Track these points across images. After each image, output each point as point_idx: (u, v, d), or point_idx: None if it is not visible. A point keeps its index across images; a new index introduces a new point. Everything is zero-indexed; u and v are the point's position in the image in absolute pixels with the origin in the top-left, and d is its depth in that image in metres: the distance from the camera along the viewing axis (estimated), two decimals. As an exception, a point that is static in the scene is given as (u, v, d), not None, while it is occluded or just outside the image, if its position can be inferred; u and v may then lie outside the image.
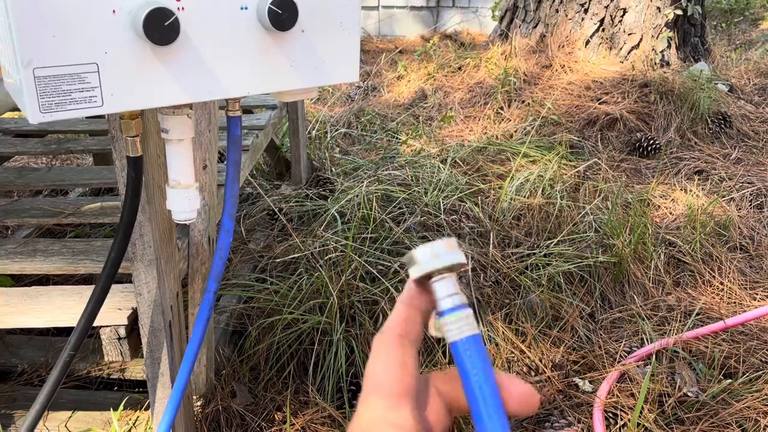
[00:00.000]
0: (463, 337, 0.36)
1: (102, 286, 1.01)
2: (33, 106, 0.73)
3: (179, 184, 1.00)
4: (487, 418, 0.35)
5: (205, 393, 1.57)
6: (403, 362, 0.35)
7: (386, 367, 0.35)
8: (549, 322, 1.93)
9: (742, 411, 1.58)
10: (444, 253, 0.37)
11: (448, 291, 0.37)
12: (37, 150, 1.99)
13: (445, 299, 0.37)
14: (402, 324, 0.38)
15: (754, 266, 2.29)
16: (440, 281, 0.38)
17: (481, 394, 0.35)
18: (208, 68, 0.82)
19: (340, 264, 1.93)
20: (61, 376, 1.04)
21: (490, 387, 0.36)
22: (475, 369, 0.36)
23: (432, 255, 0.37)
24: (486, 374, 0.36)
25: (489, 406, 0.35)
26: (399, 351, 0.36)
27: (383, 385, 0.34)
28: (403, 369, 0.35)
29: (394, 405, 0.33)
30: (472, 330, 0.37)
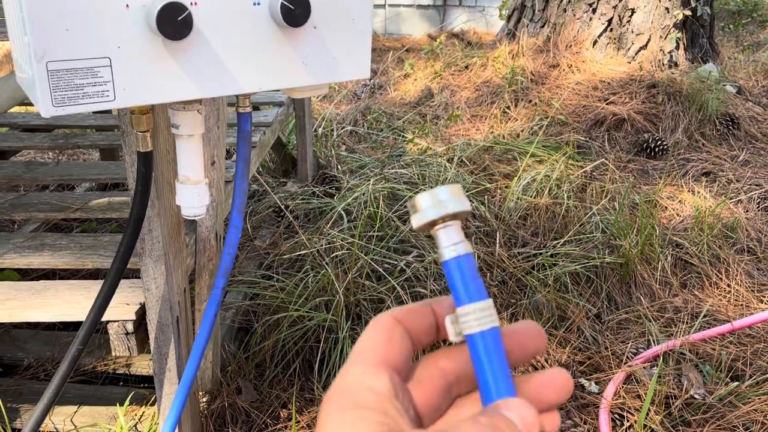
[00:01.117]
0: (483, 329, 0.34)
1: (111, 281, 1.01)
2: (45, 100, 0.73)
3: (189, 180, 1.00)
4: (495, 386, 0.33)
5: (210, 389, 1.57)
6: (390, 337, 0.35)
7: (370, 338, 0.35)
8: (555, 322, 1.92)
9: (749, 414, 1.57)
10: (448, 200, 0.35)
11: (451, 240, 0.35)
12: (45, 144, 2.00)
13: (448, 248, 0.35)
14: (405, 311, 0.37)
15: (762, 269, 2.28)
16: (443, 229, 0.36)
17: (492, 374, 0.34)
18: (220, 63, 0.82)
19: (346, 262, 1.92)
20: (69, 371, 1.04)
21: (504, 373, 0.34)
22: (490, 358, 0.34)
23: (435, 202, 0.35)
24: (501, 361, 0.34)
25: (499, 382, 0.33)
26: (388, 327, 0.35)
27: (365, 353, 0.34)
28: (388, 342, 0.34)
29: (372, 371, 0.33)
30: (495, 322, 0.35)
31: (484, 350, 0.34)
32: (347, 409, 0.31)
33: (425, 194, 0.35)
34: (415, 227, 0.36)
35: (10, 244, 1.39)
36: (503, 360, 0.34)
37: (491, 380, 0.33)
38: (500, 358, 0.34)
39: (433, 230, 0.36)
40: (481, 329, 0.34)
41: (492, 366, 0.34)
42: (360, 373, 0.33)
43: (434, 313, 0.37)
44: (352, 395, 0.32)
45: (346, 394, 0.32)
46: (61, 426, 1.49)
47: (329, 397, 0.32)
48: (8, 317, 1.22)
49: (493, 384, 0.33)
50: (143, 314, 1.22)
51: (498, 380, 0.33)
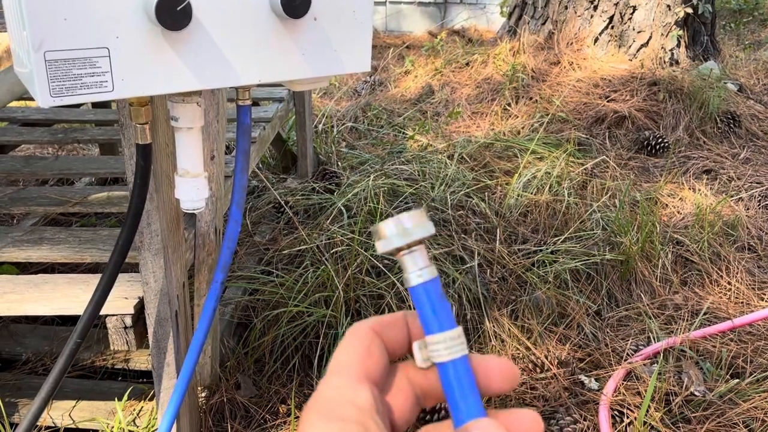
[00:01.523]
0: (454, 358, 0.35)
1: (109, 274, 1.01)
2: (43, 90, 0.72)
3: (188, 173, 0.99)
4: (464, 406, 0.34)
5: (209, 384, 1.57)
6: (369, 349, 0.35)
7: (351, 351, 0.35)
8: (555, 319, 1.92)
9: (749, 411, 1.57)
10: (412, 227, 0.36)
11: (417, 265, 0.36)
12: (44, 139, 1.99)
13: (414, 273, 0.36)
14: (381, 322, 0.37)
15: (763, 266, 2.28)
16: (409, 255, 0.36)
17: (462, 396, 0.35)
18: (220, 55, 0.81)
19: (345, 258, 1.92)
20: (67, 364, 1.03)
21: (474, 396, 0.35)
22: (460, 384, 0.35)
23: (400, 229, 0.35)
24: (471, 387, 0.35)
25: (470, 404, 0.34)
26: (367, 339, 0.36)
27: (345, 366, 0.34)
28: (367, 354, 0.35)
29: (353, 385, 0.33)
30: (464, 351, 0.35)
31: (455, 378, 0.35)
32: (331, 420, 0.31)
33: (390, 221, 0.36)
34: (380, 253, 0.36)
35: (8, 238, 1.39)
36: (473, 385, 0.35)
37: (462, 404, 0.35)
38: (470, 384, 0.35)
39: (399, 256, 0.36)
40: (451, 358, 0.35)
41: (463, 392, 0.35)
42: (342, 386, 0.33)
43: (408, 326, 0.38)
44: (334, 408, 0.32)
45: (329, 406, 0.32)
46: (60, 421, 1.49)
47: (310, 408, 0.33)
48: (6, 311, 1.21)
49: (464, 407, 0.35)
50: (142, 308, 1.21)
51: (468, 403, 0.35)
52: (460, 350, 0.35)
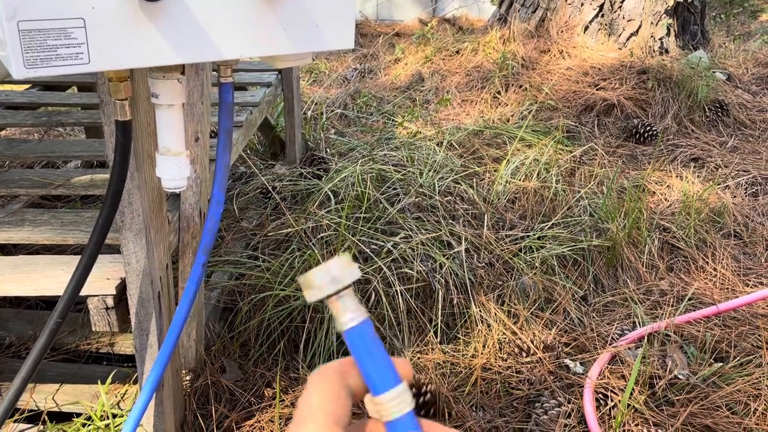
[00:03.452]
0: (400, 415, 0.37)
1: (90, 254, 1.00)
2: (17, 61, 0.71)
3: (169, 151, 0.98)
4: None
5: (194, 368, 1.56)
6: (338, 395, 0.37)
7: (321, 395, 0.36)
8: (541, 304, 1.92)
9: (732, 394, 1.58)
10: (340, 274, 0.37)
11: (348, 308, 0.38)
12: (28, 122, 1.97)
13: (346, 317, 0.38)
14: (347, 366, 0.39)
15: (748, 253, 2.29)
16: (339, 300, 0.38)
17: None
18: (199, 28, 0.80)
19: (332, 242, 1.91)
20: (47, 345, 1.02)
21: None
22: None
23: (328, 278, 0.37)
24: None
25: None
26: (334, 384, 0.37)
27: (316, 412, 0.36)
28: (336, 400, 0.36)
29: (328, 430, 0.35)
30: (408, 407, 0.37)
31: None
32: None
33: (317, 271, 0.37)
34: (310, 302, 0.38)
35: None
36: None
37: None
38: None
39: (329, 301, 0.38)
40: (397, 416, 0.37)
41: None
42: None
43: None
44: None
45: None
46: (43, 404, 1.48)
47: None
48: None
49: None
50: (124, 289, 1.20)
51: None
52: (405, 406, 0.37)
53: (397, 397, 0.37)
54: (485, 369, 1.69)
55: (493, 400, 1.60)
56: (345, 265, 0.38)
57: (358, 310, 0.38)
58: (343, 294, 0.38)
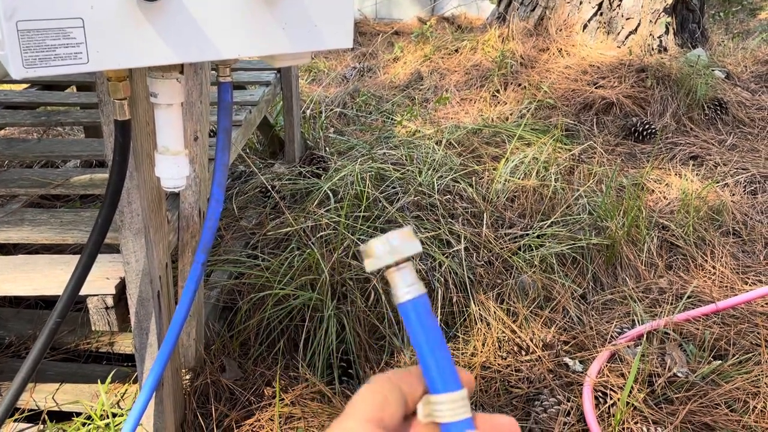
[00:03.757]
0: (460, 419, 0.36)
1: (89, 253, 1.00)
2: (16, 61, 0.71)
3: (168, 151, 0.98)
4: None
5: (194, 367, 1.56)
6: (386, 398, 0.36)
7: (367, 397, 0.36)
8: (541, 302, 1.92)
9: (731, 392, 1.58)
10: (400, 245, 0.37)
11: (406, 282, 0.37)
12: (27, 122, 1.97)
13: (402, 290, 0.37)
14: (402, 375, 0.38)
15: (747, 251, 2.29)
16: (398, 272, 0.37)
17: None
18: (197, 27, 0.80)
19: (332, 241, 1.92)
20: (46, 344, 1.03)
21: None
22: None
23: (388, 248, 0.37)
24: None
25: None
26: (385, 388, 0.37)
27: (360, 410, 0.35)
28: (383, 403, 0.36)
29: (364, 428, 0.34)
30: (469, 413, 0.37)
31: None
32: None
33: (378, 240, 0.37)
34: (369, 271, 0.38)
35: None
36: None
37: None
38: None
39: (388, 273, 0.38)
40: (454, 420, 0.36)
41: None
42: (355, 428, 0.35)
43: (422, 384, 0.39)
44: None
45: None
46: (43, 403, 1.48)
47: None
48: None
49: None
50: (123, 288, 1.20)
51: None
52: (462, 413, 0.36)
53: (459, 400, 0.37)
54: (485, 367, 1.69)
55: (493, 398, 1.61)
56: (406, 238, 0.37)
57: (415, 284, 0.37)
58: (403, 266, 0.37)
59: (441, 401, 0.36)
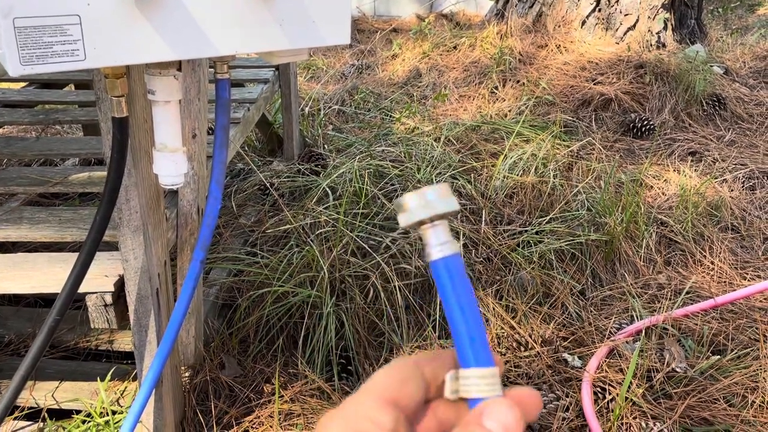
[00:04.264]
0: (490, 396, 0.34)
1: (87, 251, 1.00)
2: (13, 58, 0.71)
3: (166, 148, 0.98)
4: None
5: (193, 364, 1.56)
6: (406, 379, 0.35)
7: (386, 376, 0.35)
8: (540, 298, 1.93)
9: (730, 387, 1.59)
10: (435, 200, 0.35)
11: (439, 239, 0.36)
12: (25, 120, 1.97)
13: (435, 248, 0.36)
14: (428, 358, 0.37)
15: (745, 246, 2.30)
16: (431, 229, 0.36)
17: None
18: (195, 24, 0.80)
19: (331, 238, 1.92)
20: (46, 342, 1.03)
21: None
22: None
23: (423, 203, 0.35)
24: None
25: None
26: (407, 371, 0.35)
27: (377, 388, 0.34)
28: (402, 383, 0.35)
29: (380, 407, 0.33)
30: (500, 390, 0.35)
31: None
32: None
33: (413, 194, 0.36)
34: (403, 226, 0.36)
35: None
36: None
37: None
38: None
39: (421, 229, 0.36)
40: (486, 396, 0.34)
41: None
42: (367, 405, 0.33)
43: (455, 363, 0.37)
44: (356, 424, 0.32)
45: (351, 420, 0.32)
46: (43, 401, 1.48)
47: (332, 418, 0.33)
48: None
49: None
50: (122, 286, 1.20)
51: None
52: (493, 390, 0.34)
53: (490, 377, 0.35)
54: (484, 363, 1.69)
55: (492, 394, 1.61)
56: (442, 194, 0.36)
57: (449, 242, 0.36)
58: (437, 223, 0.36)
59: (472, 375, 0.35)
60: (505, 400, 0.34)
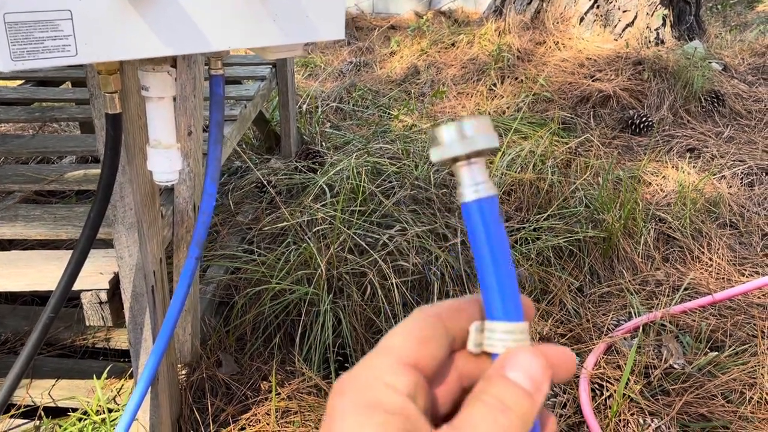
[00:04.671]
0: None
1: (82, 248, 0.99)
2: (4, 53, 0.70)
3: (160, 144, 0.98)
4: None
5: (190, 362, 1.56)
6: (426, 338, 0.31)
7: (405, 334, 0.31)
8: (537, 295, 1.92)
9: (728, 383, 1.58)
10: (473, 135, 0.31)
11: (474, 179, 0.32)
12: (21, 118, 1.96)
13: (470, 188, 0.32)
14: (450, 309, 0.33)
15: (744, 243, 2.29)
16: (467, 167, 0.32)
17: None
18: (188, 20, 0.80)
19: (328, 236, 1.91)
20: (40, 339, 1.02)
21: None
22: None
23: (459, 136, 0.31)
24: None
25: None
26: (428, 327, 0.32)
27: (395, 350, 0.31)
28: (423, 343, 0.31)
29: (397, 371, 0.30)
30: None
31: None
32: (370, 410, 0.28)
33: (450, 126, 0.32)
34: (435, 161, 0.33)
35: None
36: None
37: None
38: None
39: (455, 166, 0.33)
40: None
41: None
42: (381, 367, 0.30)
43: (480, 311, 0.34)
44: (371, 392, 0.29)
45: (365, 389, 0.29)
46: (39, 399, 1.48)
47: (343, 392, 0.29)
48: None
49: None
50: (117, 283, 1.20)
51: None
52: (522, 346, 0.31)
53: (518, 332, 0.32)
54: (481, 360, 1.69)
55: (489, 391, 1.60)
56: (482, 128, 0.32)
57: (486, 182, 0.32)
58: (474, 161, 0.32)
59: (499, 329, 0.32)
60: (530, 348, 0.31)
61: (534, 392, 0.30)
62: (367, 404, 0.28)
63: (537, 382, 0.30)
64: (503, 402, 0.29)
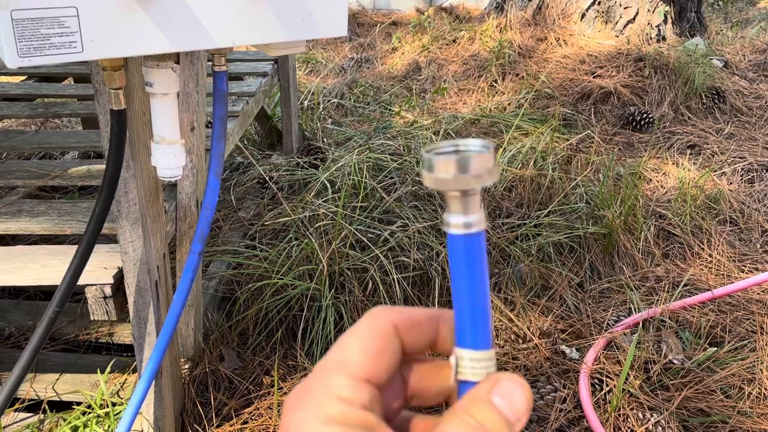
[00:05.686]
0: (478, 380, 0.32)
1: (87, 243, 1.00)
2: (11, 50, 0.71)
3: (164, 140, 0.99)
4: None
5: (193, 356, 1.57)
6: (380, 350, 0.32)
7: (360, 348, 0.31)
8: (538, 291, 1.93)
9: (727, 378, 1.59)
10: (473, 173, 0.29)
11: (465, 213, 0.31)
12: (24, 113, 1.97)
13: (459, 220, 0.31)
14: (408, 322, 0.33)
15: (744, 239, 2.30)
16: (460, 199, 0.30)
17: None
18: (192, 16, 0.81)
19: (330, 231, 1.92)
20: (45, 333, 1.03)
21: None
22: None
23: (457, 171, 0.29)
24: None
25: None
26: (384, 338, 0.32)
27: (350, 364, 0.31)
28: (378, 357, 0.31)
29: (354, 386, 0.30)
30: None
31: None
32: (328, 424, 0.28)
33: (449, 159, 0.30)
34: (427, 186, 0.31)
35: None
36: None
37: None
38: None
39: (449, 196, 0.31)
40: (477, 379, 0.32)
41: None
42: (339, 387, 0.30)
43: (438, 329, 0.34)
44: (328, 407, 0.29)
45: (322, 405, 0.29)
46: (43, 393, 1.49)
47: (300, 405, 0.29)
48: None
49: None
50: (121, 278, 1.21)
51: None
52: (485, 374, 0.32)
53: (487, 360, 0.32)
54: (482, 355, 1.70)
55: (490, 386, 1.61)
56: (484, 164, 0.30)
57: (477, 216, 0.31)
58: (470, 193, 0.30)
59: (467, 357, 0.32)
60: (518, 378, 0.31)
61: (515, 422, 0.30)
62: (328, 419, 0.29)
63: (519, 413, 0.30)
64: (482, 425, 0.30)
